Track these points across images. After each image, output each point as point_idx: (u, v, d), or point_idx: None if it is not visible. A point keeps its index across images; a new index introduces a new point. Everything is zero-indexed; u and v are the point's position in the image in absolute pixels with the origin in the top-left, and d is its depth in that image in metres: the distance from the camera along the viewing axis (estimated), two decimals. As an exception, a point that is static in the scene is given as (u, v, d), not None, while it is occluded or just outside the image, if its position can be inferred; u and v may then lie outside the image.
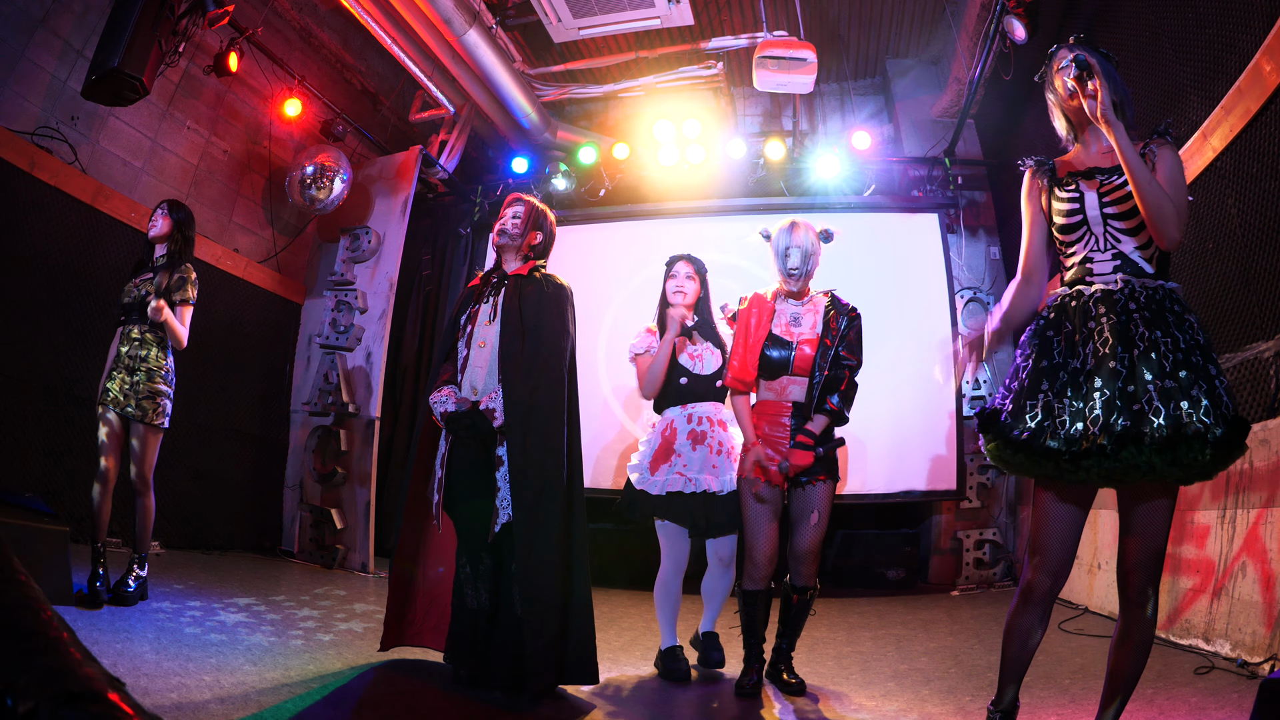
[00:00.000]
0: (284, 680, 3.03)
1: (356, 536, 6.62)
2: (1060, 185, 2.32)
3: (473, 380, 3.32)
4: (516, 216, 3.49)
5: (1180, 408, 1.95)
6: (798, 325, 3.49)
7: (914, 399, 6.73)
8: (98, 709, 0.92)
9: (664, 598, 3.74)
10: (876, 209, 7.59)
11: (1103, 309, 2.13)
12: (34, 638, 1.00)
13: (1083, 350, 2.12)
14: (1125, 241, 2.20)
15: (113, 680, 0.99)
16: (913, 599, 6.25)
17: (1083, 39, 2.36)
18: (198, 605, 4.18)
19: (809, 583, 3.45)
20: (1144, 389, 2.00)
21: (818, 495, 3.39)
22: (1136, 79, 4.76)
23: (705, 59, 7.74)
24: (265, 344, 7.42)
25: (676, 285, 3.92)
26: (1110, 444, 1.98)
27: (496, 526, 3.17)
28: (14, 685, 0.92)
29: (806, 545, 3.39)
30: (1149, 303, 2.11)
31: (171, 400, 4.27)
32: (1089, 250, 2.24)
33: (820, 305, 3.54)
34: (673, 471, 3.68)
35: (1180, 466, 1.96)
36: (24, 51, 5.11)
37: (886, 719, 2.97)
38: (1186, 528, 3.96)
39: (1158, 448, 1.95)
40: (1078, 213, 2.26)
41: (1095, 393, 2.05)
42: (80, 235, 5.51)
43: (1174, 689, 3.06)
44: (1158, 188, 2.09)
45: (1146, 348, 2.04)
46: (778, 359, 3.43)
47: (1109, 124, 2.12)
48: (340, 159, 6.90)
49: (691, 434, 3.75)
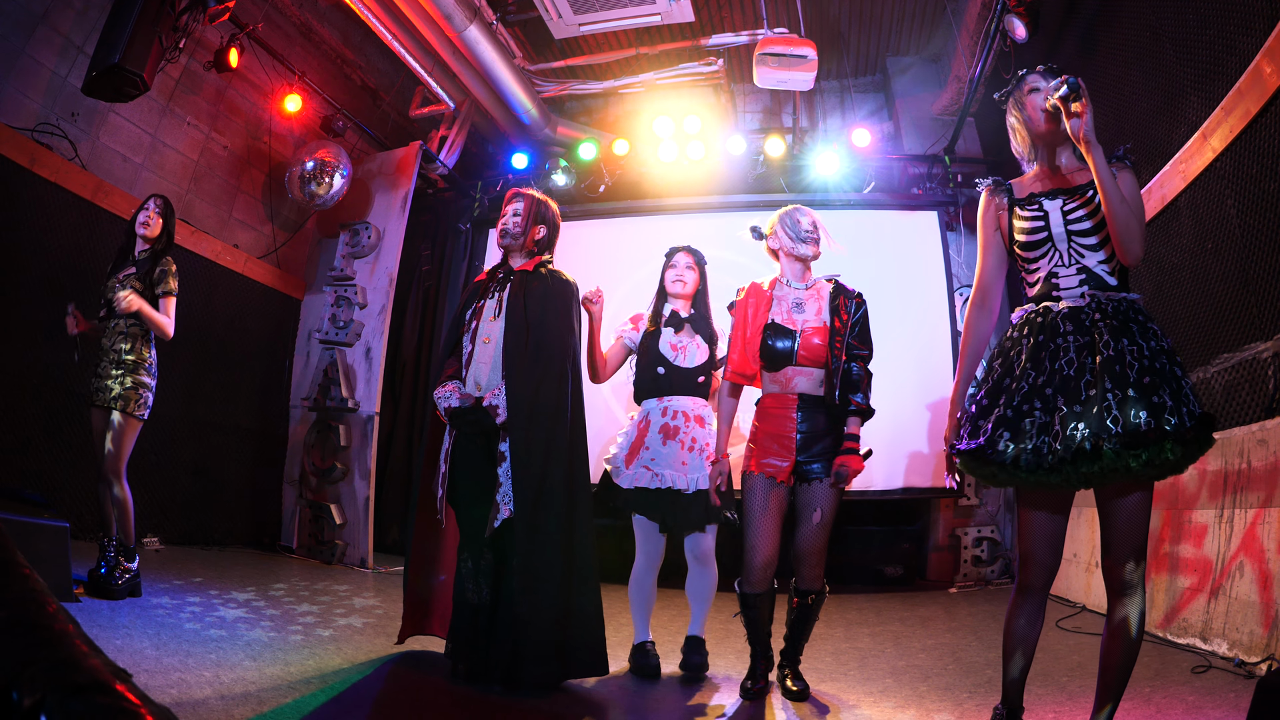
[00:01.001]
0: (284, 676, 3.03)
1: (356, 532, 6.62)
2: (1022, 205, 2.41)
3: (477, 376, 3.32)
4: (517, 214, 3.48)
5: (1140, 416, 2.03)
6: (801, 312, 3.29)
7: (913, 396, 6.73)
8: (105, 700, 0.92)
9: (636, 592, 3.71)
10: (876, 206, 7.60)
11: (1070, 326, 2.22)
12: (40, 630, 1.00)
13: (1049, 365, 2.19)
14: (1089, 256, 2.28)
15: (119, 671, 0.99)
16: (911, 596, 6.26)
17: (1053, 68, 2.42)
18: (197, 601, 4.19)
19: (813, 585, 3.26)
20: (1104, 397, 2.07)
21: (824, 494, 3.18)
22: (1137, 79, 4.76)
23: (706, 56, 7.74)
24: (265, 339, 7.42)
25: (676, 274, 3.88)
26: (1072, 454, 2.06)
27: (497, 522, 3.18)
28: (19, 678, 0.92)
29: (808, 545, 3.20)
30: (1115, 313, 2.19)
31: (153, 393, 4.26)
32: (1054, 265, 2.32)
33: (824, 291, 3.35)
34: (639, 465, 3.63)
35: (1152, 466, 2.03)
36: (24, 48, 5.11)
37: (884, 715, 2.97)
38: (1184, 527, 3.97)
39: (1120, 451, 2.03)
40: (1042, 230, 2.34)
41: (1057, 409, 2.13)
42: (81, 231, 5.51)
43: (1171, 687, 3.07)
44: (1128, 208, 2.18)
45: (1112, 357, 2.12)
46: (781, 349, 3.22)
47: (1090, 145, 2.17)
48: (340, 154, 6.90)
49: (664, 428, 3.67)
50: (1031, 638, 2.32)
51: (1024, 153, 2.52)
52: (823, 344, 3.21)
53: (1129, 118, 4.90)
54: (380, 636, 3.89)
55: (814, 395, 3.22)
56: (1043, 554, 2.29)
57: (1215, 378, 3.97)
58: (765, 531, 3.17)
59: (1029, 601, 2.32)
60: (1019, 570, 2.35)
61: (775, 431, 3.23)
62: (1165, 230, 4.48)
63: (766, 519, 3.18)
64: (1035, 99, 2.38)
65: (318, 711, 2.67)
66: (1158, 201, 4.44)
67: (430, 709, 2.94)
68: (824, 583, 3.29)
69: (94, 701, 0.92)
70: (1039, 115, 2.37)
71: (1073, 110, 2.19)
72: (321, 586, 5.25)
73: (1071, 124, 2.19)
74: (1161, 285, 4.55)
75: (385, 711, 2.80)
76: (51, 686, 0.90)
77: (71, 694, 0.91)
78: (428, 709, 2.93)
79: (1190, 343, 4.19)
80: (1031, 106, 2.39)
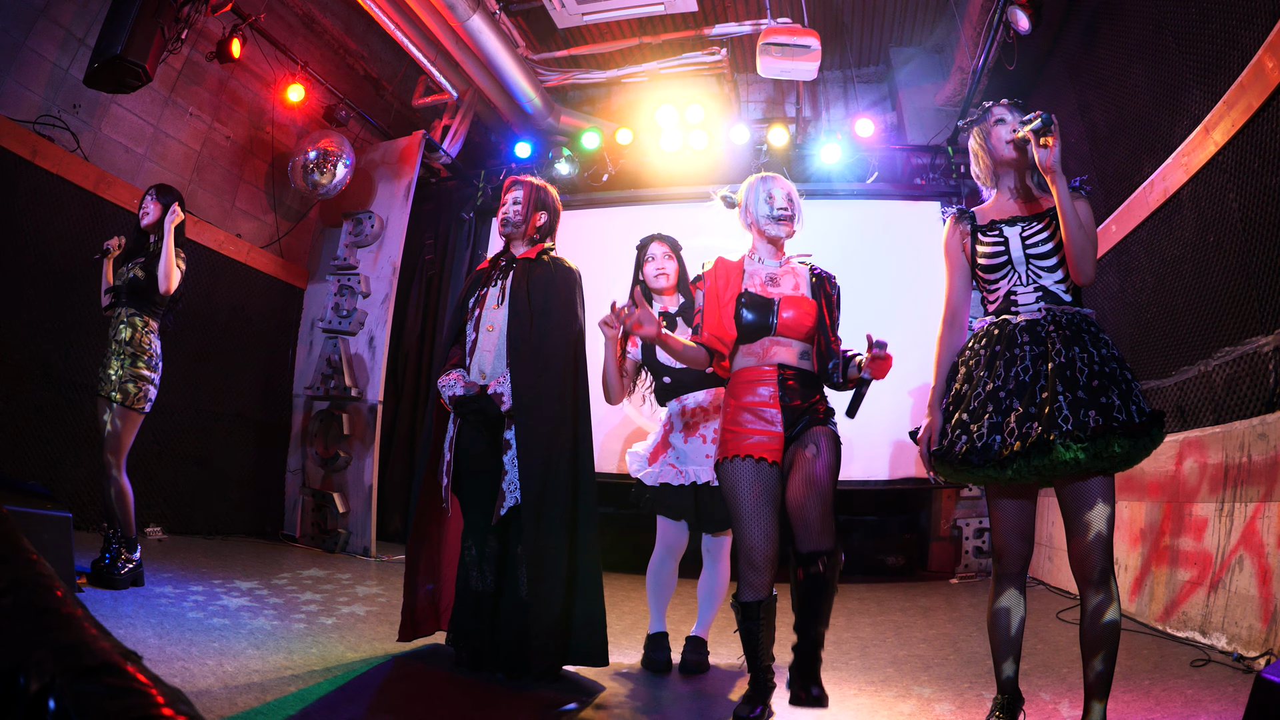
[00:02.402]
0: (287, 664, 3.05)
1: (359, 520, 6.65)
2: (984, 231, 2.57)
3: (481, 364, 3.33)
4: (517, 202, 3.47)
5: (1088, 414, 2.18)
6: (775, 286, 2.96)
7: (914, 386, 6.73)
8: (115, 681, 0.92)
9: (654, 581, 3.67)
10: (879, 196, 7.59)
11: (1026, 337, 2.38)
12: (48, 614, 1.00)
13: (1004, 372, 2.35)
14: (1046, 277, 2.45)
15: (129, 653, 0.99)
16: (912, 586, 6.28)
17: (1018, 103, 2.62)
18: (200, 590, 4.21)
19: (822, 544, 2.65)
20: (1055, 398, 2.21)
21: (819, 433, 2.77)
22: (1139, 71, 4.76)
23: (709, 45, 7.73)
24: (267, 329, 7.44)
25: (657, 267, 3.78)
26: (1026, 449, 2.20)
27: (503, 509, 3.18)
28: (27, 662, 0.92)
29: (810, 489, 2.69)
30: (1068, 324, 2.35)
31: (156, 386, 4.25)
32: (1012, 285, 2.49)
33: (800, 271, 3.03)
34: (665, 463, 3.59)
35: (1100, 459, 2.17)
36: (25, 41, 5.11)
37: (885, 704, 2.98)
38: (1184, 520, 3.98)
39: (1069, 445, 2.16)
40: (1003, 254, 2.51)
41: (1013, 411, 2.28)
42: (83, 223, 5.51)
43: (1170, 680, 3.09)
44: (1084, 234, 2.35)
45: (1063, 363, 2.26)
46: (757, 318, 2.87)
47: (1057, 175, 2.33)
48: (343, 144, 6.90)
49: (685, 425, 3.63)
50: (1016, 626, 2.45)
51: (983, 178, 2.67)
52: (803, 315, 2.88)
53: (1131, 110, 4.90)
54: (384, 625, 3.91)
55: (795, 367, 2.87)
56: (1014, 544, 2.46)
57: (1216, 371, 3.97)
58: (762, 524, 2.70)
59: (1009, 586, 2.47)
60: (994, 561, 2.53)
61: (755, 405, 2.82)
62: (1167, 223, 4.48)
63: (761, 508, 2.70)
64: (1001, 130, 2.55)
65: (321, 700, 2.69)
66: (1160, 194, 4.43)
67: (433, 696, 2.95)
68: (836, 540, 2.71)
69: (104, 683, 0.91)
70: (1003, 145, 2.54)
71: (1043, 143, 2.33)
72: (324, 575, 5.27)
73: (1040, 154, 2.34)
74: (1163, 277, 4.54)
75: (388, 699, 2.82)
76: (60, 669, 0.91)
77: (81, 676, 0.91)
78: (431, 696, 2.95)
79: (1191, 336, 4.19)
80: (996, 137, 2.56)
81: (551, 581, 3.11)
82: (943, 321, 2.68)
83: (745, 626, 2.73)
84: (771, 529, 2.70)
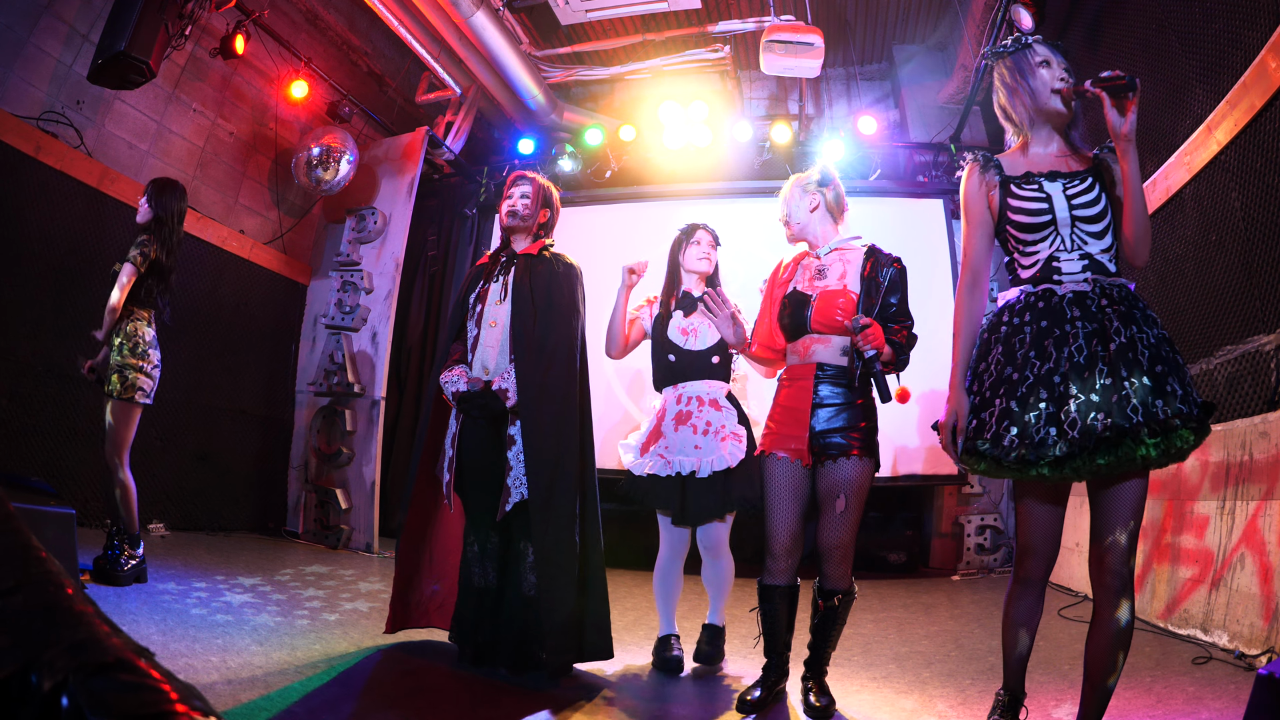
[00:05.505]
0: (290, 660, 3.06)
1: (361, 516, 6.66)
2: (1018, 184, 2.29)
3: (484, 359, 3.30)
4: (525, 196, 3.44)
5: (1157, 404, 1.96)
6: (823, 278, 3.00)
7: (917, 383, 6.72)
8: (129, 677, 0.92)
9: (661, 584, 3.62)
10: (882, 194, 7.58)
11: (1076, 311, 2.12)
12: (58, 612, 1.00)
13: (1056, 353, 2.09)
14: (1093, 244, 2.20)
15: (141, 649, 0.99)
16: (914, 583, 6.29)
17: (1059, 45, 2.33)
18: (203, 586, 4.22)
19: (839, 585, 2.90)
20: (1120, 384, 1.99)
21: (848, 475, 2.86)
22: (1142, 70, 4.75)
23: (712, 42, 7.73)
24: (270, 325, 7.44)
25: (701, 252, 3.72)
26: (1093, 443, 1.97)
27: (508, 506, 3.16)
28: (39, 660, 0.92)
29: (832, 539, 2.86)
30: (1120, 299, 2.13)
31: (150, 377, 4.19)
32: (1054, 249, 2.22)
33: (854, 255, 3.05)
34: (654, 454, 3.53)
35: (1166, 455, 1.98)
36: (30, 37, 5.12)
37: (887, 701, 3.00)
38: (1186, 518, 3.99)
39: (1141, 439, 1.96)
40: (1046, 213, 2.22)
41: (1071, 398, 2.03)
42: (86, 219, 5.52)
43: (1171, 678, 3.09)
44: (1147, 215, 2.15)
45: (1125, 344, 2.04)
46: (794, 316, 2.97)
47: (1131, 143, 2.09)
48: (346, 140, 6.90)
49: (678, 415, 3.56)
50: (1033, 622, 2.28)
51: (1019, 120, 2.39)
52: (832, 310, 2.90)
53: (1134, 108, 4.89)
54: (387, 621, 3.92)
55: (835, 365, 2.91)
56: (1043, 546, 2.23)
57: (1218, 369, 3.98)
58: (784, 515, 2.89)
59: (1029, 593, 2.26)
60: (1017, 562, 2.28)
61: (791, 405, 2.94)
62: (1170, 221, 4.48)
63: (785, 502, 2.89)
64: (1045, 74, 2.28)
65: (324, 695, 2.70)
66: (1162, 193, 4.44)
67: (436, 692, 2.96)
68: (852, 581, 2.93)
69: (118, 680, 0.91)
70: (1047, 92, 2.27)
71: (1121, 106, 2.09)
72: (327, 571, 5.29)
73: (1114, 118, 2.09)
74: (1165, 276, 4.55)
75: (391, 695, 2.83)
76: (73, 667, 0.91)
77: (94, 673, 0.90)
78: (434, 692, 2.95)
79: (1193, 334, 4.20)
80: (1041, 80, 2.28)
81: (564, 578, 3.10)
82: (960, 285, 2.38)
83: (763, 608, 2.99)
84: (792, 521, 2.90)
